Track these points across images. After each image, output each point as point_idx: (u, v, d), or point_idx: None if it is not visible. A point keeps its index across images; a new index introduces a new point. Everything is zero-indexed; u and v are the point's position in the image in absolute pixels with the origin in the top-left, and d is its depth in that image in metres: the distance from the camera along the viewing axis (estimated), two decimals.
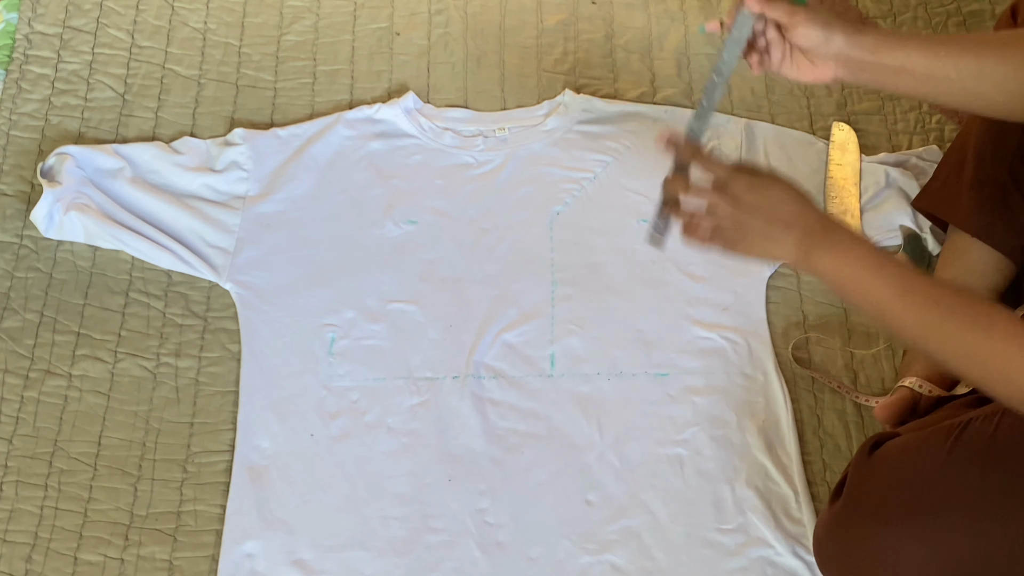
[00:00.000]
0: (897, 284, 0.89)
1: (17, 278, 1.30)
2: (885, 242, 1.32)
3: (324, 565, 1.12)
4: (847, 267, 0.91)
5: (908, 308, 0.88)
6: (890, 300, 0.89)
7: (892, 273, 0.90)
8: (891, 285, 0.89)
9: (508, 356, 1.24)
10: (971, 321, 0.86)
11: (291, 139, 1.38)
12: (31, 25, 1.48)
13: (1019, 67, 0.95)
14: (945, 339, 0.87)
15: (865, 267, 0.90)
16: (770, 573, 1.12)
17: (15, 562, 1.13)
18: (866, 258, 0.91)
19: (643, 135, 1.39)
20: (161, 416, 1.21)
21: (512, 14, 1.52)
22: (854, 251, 0.91)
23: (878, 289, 0.90)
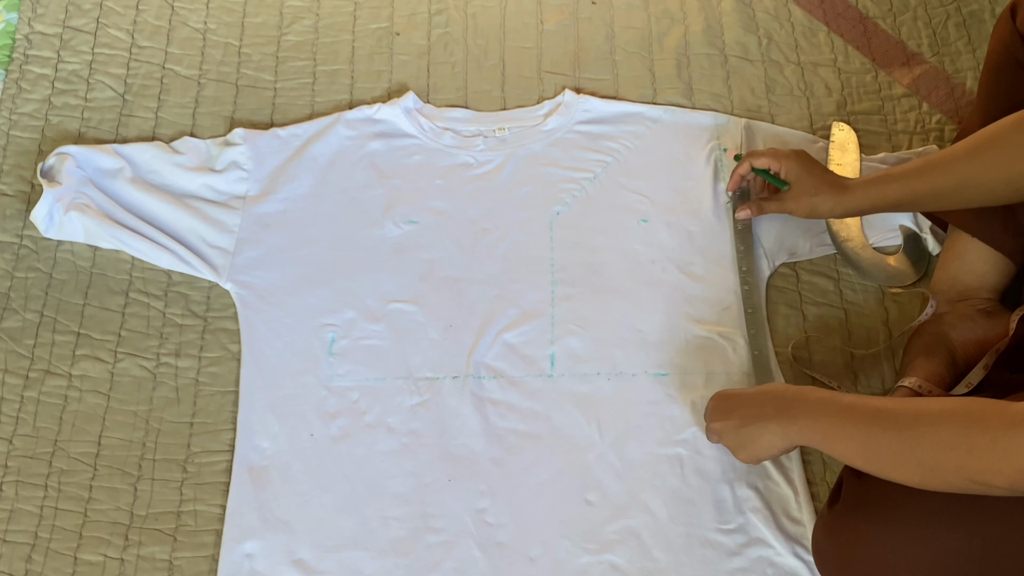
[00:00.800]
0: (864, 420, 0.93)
1: (17, 278, 1.30)
2: (885, 242, 1.32)
3: (324, 565, 1.12)
4: (819, 422, 0.97)
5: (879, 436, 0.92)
6: (862, 439, 0.93)
7: (858, 412, 0.94)
8: (860, 422, 0.93)
9: (508, 356, 1.24)
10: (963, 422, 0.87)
11: (291, 139, 1.38)
12: (31, 25, 1.48)
13: (1000, 171, 1.04)
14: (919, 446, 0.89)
15: (834, 413, 0.96)
16: (770, 573, 1.12)
17: (15, 562, 1.13)
18: (835, 407, 0.97)
19: (643, 135, 1.39)
20: (161, 416, 1.21)
21: (512, 14, 1.52)
22: (821, 407, 0.98)
23: (850, 430, 0.95)
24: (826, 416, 0.97)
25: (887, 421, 0.91)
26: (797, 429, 1.00)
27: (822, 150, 1.38)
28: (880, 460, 0.93)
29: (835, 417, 0.96)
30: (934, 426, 0.88)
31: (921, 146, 1.39)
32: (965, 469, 0.85)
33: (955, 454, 0.85)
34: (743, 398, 1.08)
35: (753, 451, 1.06)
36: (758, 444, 1.04)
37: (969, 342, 1.18)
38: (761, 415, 1.03)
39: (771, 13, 1.52)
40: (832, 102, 1.44)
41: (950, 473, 0.86)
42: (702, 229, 1.32)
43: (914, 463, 0.90)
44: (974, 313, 1.20)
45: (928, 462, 0.88)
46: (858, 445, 0.94)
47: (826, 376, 1.23)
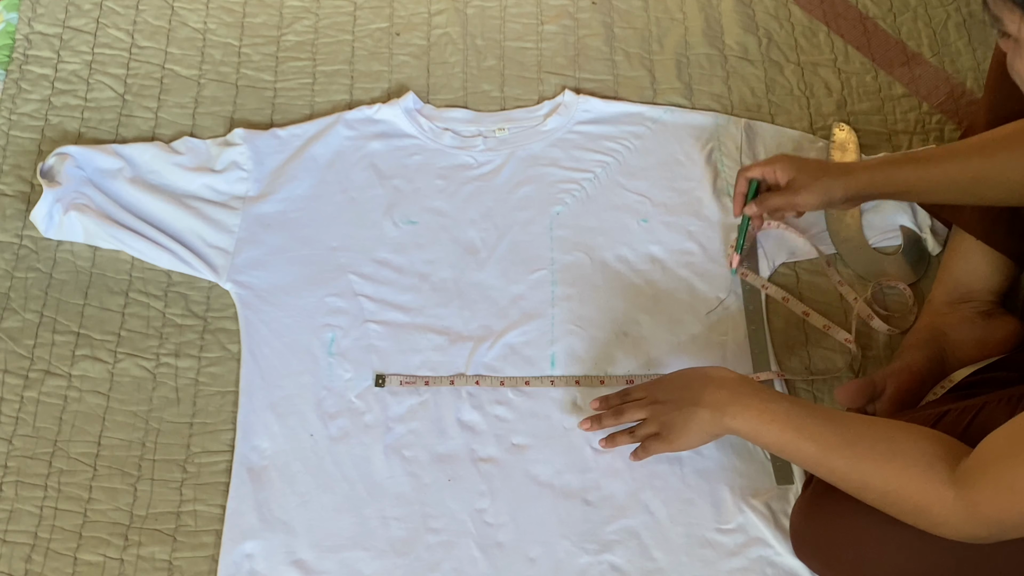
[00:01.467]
0: (808, 433, 0.96)
1: (17, 278, 1.30)
2: (885, 242, 1.32)
3: (324, 565, 1.12)
4: (760, 425, 0.99)
5: (821, 454, 0.95)
6: (806, 451, 0.97)
7: (802, 423, 0.97)
8: (801, 436, 0.96)
9: (508, 356, 1.24)
10: (886, 459, 0.91)
11: (291, 139, 1.38)
12: (31, 25, 1.48)
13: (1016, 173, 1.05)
14: (863, 482, 0.93)
15: (773, 421, 0.98)
16: (770, 573, 1.12)
17: (15, 562, 1.13)
18: (774, 413, 0.99)
19: (643, 135, 1.39)
20: (161, 416, 1.21)
21: (512, 14, 1.52)
22: (762, 408, 1.00)
23: (792, 442, 0.97)
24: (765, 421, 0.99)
25: (833, 455, 0.95)
26: (731, 423, 1.02)
27: (822, 150, 1.38)
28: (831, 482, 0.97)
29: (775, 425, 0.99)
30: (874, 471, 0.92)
31: (921, 146, 1.39)
32: (906, 518, 0.91)
33: (895, 508, 0.91)
34: (684, 379, 1.08)
35: (686, 437, 1.07)
36: (691, 429, 1.05)
37: (967, 343, 1.18)
38: (698, 399, 1.04)
39: (771, 13, 1.52)
40: (832, 102, 1.44)
41: (893, 513, 0.92)
42: (702, 229, 1.32)
43: (859, 495, 0.94)
44: (974, 315, 1.20)
45: (870, 500, 0.93)
46: (811, 469, 0.99)
47: (825, 373, 1.23)
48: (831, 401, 1.22)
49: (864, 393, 1.14)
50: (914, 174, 1.13)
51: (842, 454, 0.94)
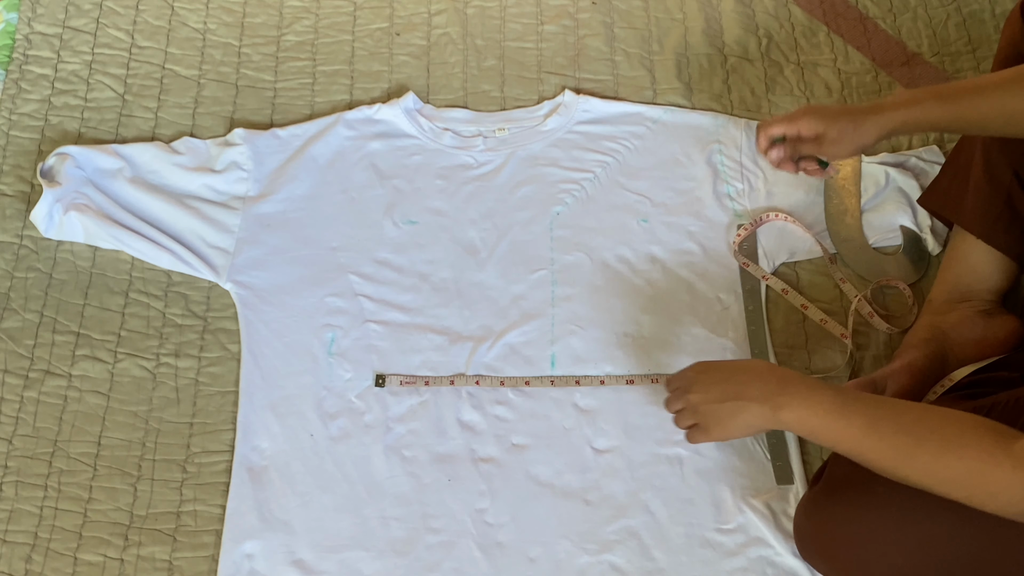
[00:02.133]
0: (862, 422, 0.92)
1: (17, 278, 1.30)
2: (885, 242, 1.32)
3: (324, 565, 1.12)
4: (813, 417, 0.95)
5: (878, 443, 0.91)
6: (860, 439, 0.92)
7: (855, 411, 0.93)
8: (857, 425, 0.92)
9: (509, 356, 1.24)
10: (943, 444, 0.87)
11: (291, 139, 1.38)
12: (31, 25, 1.48)
13: None
14: (922, 467, 0.88)
15: (828, 412, 0.94)
16: (770, 573, 1.12)
17: (15, 562, 1.13)
18: (828, 403, 0.94)
19: (643, 135, 1.39)
20: (161, 416, 1.21)
21: (512, 14, 1.52)
22: (814, 398, 0.95)
23: (846, 431, 0.92)
24: (820, 412, 0.95)
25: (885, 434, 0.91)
26: (784, 417, 0.98)
27: None
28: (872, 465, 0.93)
29: (830, 416, 0.94)
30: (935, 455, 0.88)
31: (921, 146, 1.39)
32: (964, 501, 0.86)
33: (955, 491, 0.87)
34: (725, 372, 1.05)
35: (728, 430, 1.03)
36: (736, 423, 1.02)
37: (968, 342, 1.18)
38: (743, 394, 1.00)
39: (771, 13, 1.52)
40: (832, 102, 1.44)
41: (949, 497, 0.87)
42: (702, 229, 1.32)
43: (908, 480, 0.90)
44: (975, 314, 1.20)
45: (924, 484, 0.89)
46: (852, 453, 0.94)
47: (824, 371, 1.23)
48: None
49: (867, 391, 1.14)
50: (944, 111, 1.07)
51: (898, 440, 0.89)
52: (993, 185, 1.17)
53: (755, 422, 1.01)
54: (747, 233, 1.31)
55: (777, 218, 1.31)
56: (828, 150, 1.14)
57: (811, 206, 1.34)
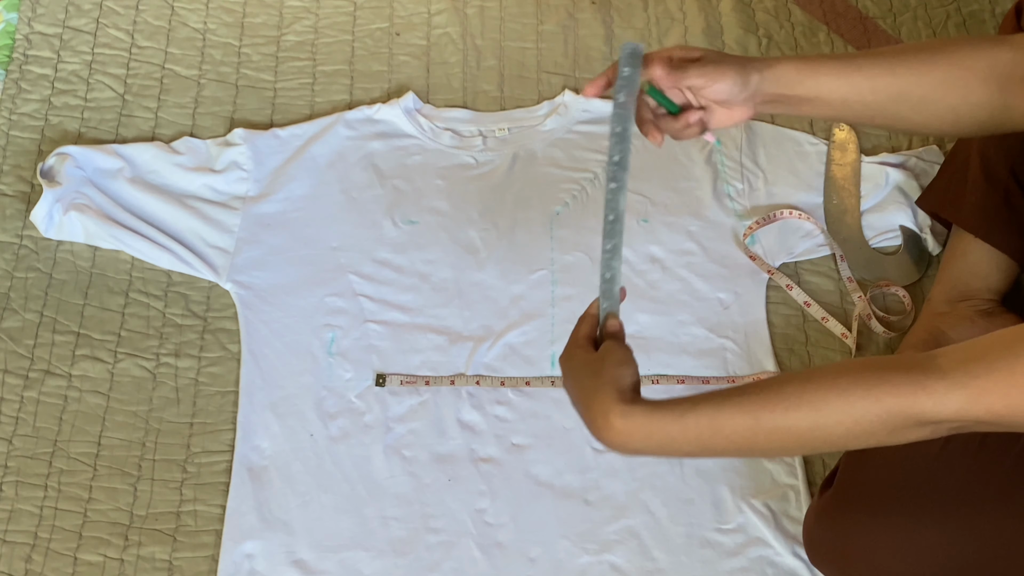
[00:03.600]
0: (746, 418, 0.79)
1: (17, 278, 1.30)
2: (885, 242, 1.32)
3: (324, 565, 1.12)
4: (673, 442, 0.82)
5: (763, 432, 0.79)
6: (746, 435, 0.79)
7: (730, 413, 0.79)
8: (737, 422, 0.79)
9: (508, 356, 1.24)
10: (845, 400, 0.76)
11: (291, 139, 1.38)
12: (31, 25, 1.48)
13: (937, 86, 0.90)
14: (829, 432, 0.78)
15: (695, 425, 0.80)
16: (770, 573, 1.12)
17: (15, 562, 1.13)
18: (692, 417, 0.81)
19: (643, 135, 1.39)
20: (161, 416, 1.21)
21: (511, 14, 1.52)
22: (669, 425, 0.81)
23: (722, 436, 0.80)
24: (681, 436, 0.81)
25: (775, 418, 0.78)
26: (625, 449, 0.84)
27: (822, 150, 1.38)
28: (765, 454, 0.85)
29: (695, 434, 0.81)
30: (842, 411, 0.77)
31: (921, 146, 1.39)
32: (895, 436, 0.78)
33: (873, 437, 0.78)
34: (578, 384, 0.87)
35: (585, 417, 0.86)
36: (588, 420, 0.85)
37: None
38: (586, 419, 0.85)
39: (771, 13, 1.52)
40: None
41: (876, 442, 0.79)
42: (702, 229, 1.32)
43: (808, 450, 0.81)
44: (974, 314, 1.20)
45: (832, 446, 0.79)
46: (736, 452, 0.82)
47: None
48: None
49: None
50: (833, 74, 0.93)
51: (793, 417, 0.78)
52: (991, 183, 1.17)
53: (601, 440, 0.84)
54: (758, 228, 1.31)
55: (791, 215, 1.31)
56: (706, 69, 0.92)
57: (811, 206, 1.34)
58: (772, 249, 1.31)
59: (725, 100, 0.93)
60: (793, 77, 0.94)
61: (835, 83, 0.93)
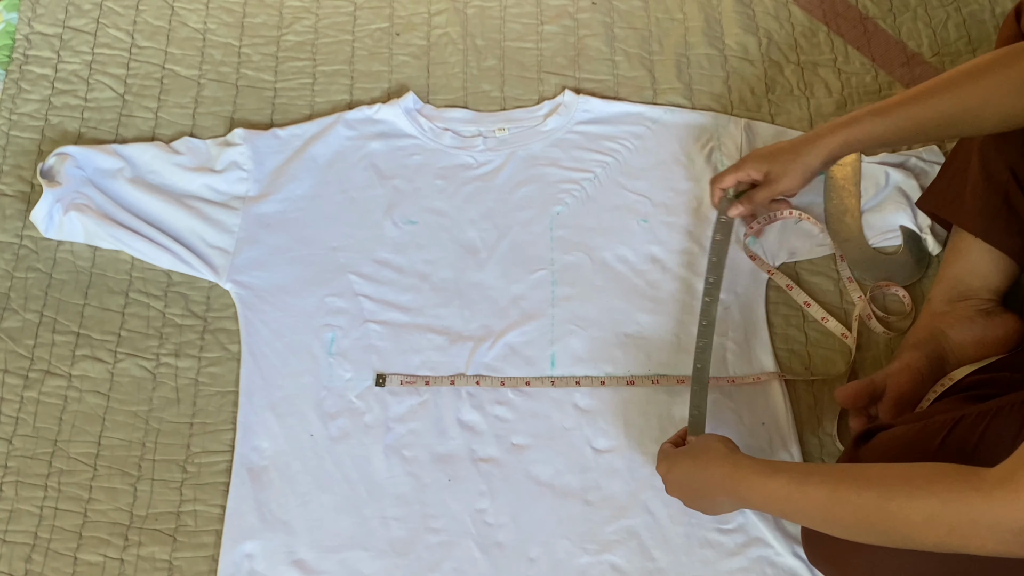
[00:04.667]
0: (823, 491, 0.91)
1: (17, 278, 1.30)
2: (885, 242, 1.32)
3: (324, 565, 1.12)
4: (773, 503, 0.96)
5: (844, 506, 0.89)
6: (826, 507, 0.91)
7: (813, 483, 0.92)
8: (819, 496, 0.91)
9: (509, 356, 1.24)
10: (910, 489, 0.84)
11: (291, 139, 1.38)
12: (31, 25, 1.48)
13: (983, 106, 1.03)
14: (893, 516, 0.86)
15: (787, 495, 0.94)
16: (770, 573, 1.12)
17: (15, 562, 1.13)
18: (783, 484, 0.94)
19: (643, 135, 1.39)
20: (161, 416, 1.21)
21: (512, 14, 1.52)
22: (769, 485, 0.96)
23: (810, 504, 0.92)
24: (776, 492, 0.95)
25: (850, 494, 0.89)
26: (750, 506, 1.02)
27: None
28: (844, 530, 0.92)
29: (791, 498, 0.93)
30: (906, 499, 0.85)
31: (921, 146, 1.39)
32: (944, 545, 0.84)
33: (933, 532, 0.84)
34: (686, 470, 1.07)
35: (708, 514, 1.10)
36: (712, 511, 1.08)
37: (967, 342, 1.18)
38: (709, 489, 1.04)
39: (771, 13, 1.52)
40: (832, 102, 1.44)
41: (928, 546, 0.85)
42: (702, 229, 1.32)
43: (884, 536, 0.88)
44: (974, 314, 1.20)
45: (901, 535, 0.87)
46: (819, 520, 0.93)
47: (823, 373, 1.24)
48: (831, 401, 1.22)
49: (864, 394, 1.14)
50: (883, 126, 1.13)
51: (865, 498, 0.87)
52: (990, 183, 1.17)
53: (727, 508, 1.07)
54: (759, 228, 1.31)
55: (791, 216, 1.31)
56: (779, 187, 1.22)
57: (811, 206, 1.34)
58: (772, 249, 1.31)
59: (795, 188, 1.22)
60: (840, 150, 1.16)
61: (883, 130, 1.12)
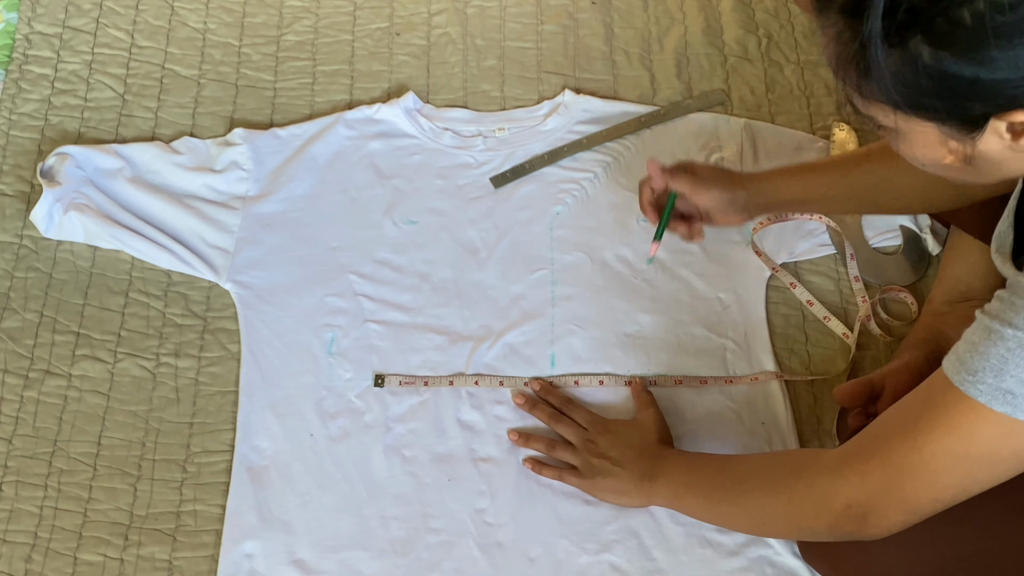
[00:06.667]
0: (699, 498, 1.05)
1: (17, 278, 1.30)
2: (885, 242, 1.32)
3: (324, 565, 1.12)
4: (675, 500, 1.08)
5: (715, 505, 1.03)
6: (705, 507, 1.05)
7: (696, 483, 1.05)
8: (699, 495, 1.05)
9: (508, 356, 1.24)
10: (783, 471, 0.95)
11: (291, 139, 1.38)
12: (31, 25, 1.48)
13: (905, 171, 1.00)
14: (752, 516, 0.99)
15: (690, 477, 1.06)
16: (770, 573, 1.12)
17: (15, 562, 1.13)
18: (687, 471, 1.06)
19: (643, 135, 1.39)
20: (161, 416, 1.21)
21: (512, 14, 1.52)
22: (677, 471, 1.07)
23: (694, 504, 1.06)
24: (679, 474, 1.06)
25: (724, 477, 1.01)
26: (654, 492, 1.09)
27: (822, 150, 1.38)
28: (720, 514, 1.02)
29: (685, 475, 1.06)
30: (759, 477, 0.95)
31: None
32: (788, 516, 0.92)
33: (777, 502, 0.93)
34: (619, 436, 1.14)
35: (598, 488, 1.13)
36: (607, 483, 1.12)
37: None
38: (624, 463, 1.12)
39: (771, 13, 1.52)
40: (832, 102, 1.44)
41: (777, 521, 0.95)
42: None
43: (746, 515, 0.98)
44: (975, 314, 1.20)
45: (757, 513, 0.96)
46: (702, 501, 1.04)
47: (823, 373, 1.24)
48: (831, 401, 1.22)
49: (863, 393, 1.14)
50: (813, 180, 1.15)
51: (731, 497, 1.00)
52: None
53: (626, 490, 1.11)
54: (768, 224, 1.30)
55: (802, 215, 1.31)
56: (712, 218, 1.20)
57: None
58: (772, 249, 1.31)
59: (715, 209, 1.18)
60: (779, 187, 1.17)
61: (815, 185, 1.14)
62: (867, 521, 0.87)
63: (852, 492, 0.87)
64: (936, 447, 0.81)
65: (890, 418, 0.87)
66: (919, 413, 0.83)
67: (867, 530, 0.88)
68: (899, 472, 0.84)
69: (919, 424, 0.83)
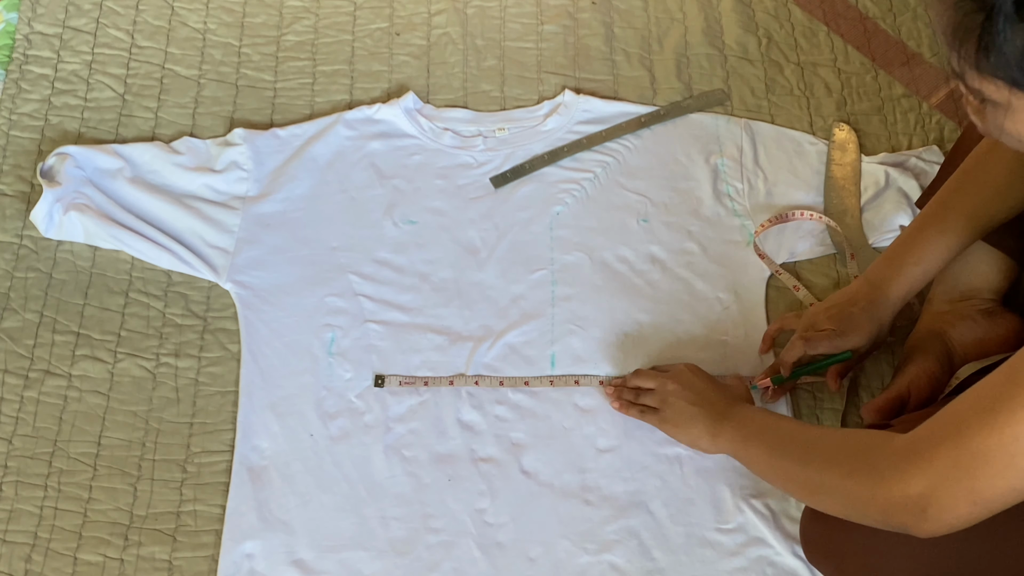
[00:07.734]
0: (765, 447, 1.03)
1: (17, 278, 1.30)
2: (885, 242, 1.32)
3: (324, 565, 1.12)
4: (740, 447, 1.07)
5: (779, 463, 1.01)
6: (767, 461, 1.03)
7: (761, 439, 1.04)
8: (762, 449, 1.03)
9: (508, 356, 1.24)
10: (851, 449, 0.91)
11: (291, 139, 1.38)
12: (31, 25, 1.48)
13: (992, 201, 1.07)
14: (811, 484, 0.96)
15: (745, 440, 1.06)
16: (770, 573, 1.12)
17: (15, 562, 1.13)
18: (758, 427, 1.05)
19: (643, 135, 1.39)
20: (161, 416, 1.21)
21: (512, 14, 1.52)
22: (744, 430, 1.07)
23: (757, 455, 1.04)
24: (750, 422, 1.06)
25: (792, 436, 1.00)
26: (722, 432, 1.09)
27: (822, 150, 1.38)
28: (778, 468, 1.00)
29: (757, 424, 1.05)
30: (826, 446, 0.94)
31: (921, 146, 1.39)
32: (843, 492, 0.89)
33: (835, 475, 0.90)
34: (708, 381, 1.15)
35: (680, 430, 1.14)
36: (689, 428, 1.12)
37: (968, 342, 1.18)
38: (711, 405, 1.12)
39: (771, 13, 1.52)
40: (832, 102, 1.44)
41: (831, 494, 0.92)
42: (702, 229, 1.32)
43: (803, 478, 0.96)
44: (975, 313, 1.20)
45: (814, 478, 0.94)
46: (765, 452, 1.03)
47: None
48: (830, 400, 1.22)
49: (892, 409, 1.13)
50: (935, 253, 1.13)
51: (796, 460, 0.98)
52: None
53: (701, 434, 1.11)
54: (770, 226, 1.30)
55: (802, 216, 1.31)
56: (846, 341, 1.16)
57: (811, 206, 1.33)
58: (773, 249, 1.31)
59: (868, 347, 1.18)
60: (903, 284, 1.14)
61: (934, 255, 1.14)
62: (926, 515, 0.82)
63: (915, 481, 0.82)
64: (1018, 429, 0.76)
65: (965, 401, 0.82)
66: (998, 394, 0.79)
67: (923, 524, 0.83)
68: (972, 458, 0.78)
69: (997, 406, 0.77)
